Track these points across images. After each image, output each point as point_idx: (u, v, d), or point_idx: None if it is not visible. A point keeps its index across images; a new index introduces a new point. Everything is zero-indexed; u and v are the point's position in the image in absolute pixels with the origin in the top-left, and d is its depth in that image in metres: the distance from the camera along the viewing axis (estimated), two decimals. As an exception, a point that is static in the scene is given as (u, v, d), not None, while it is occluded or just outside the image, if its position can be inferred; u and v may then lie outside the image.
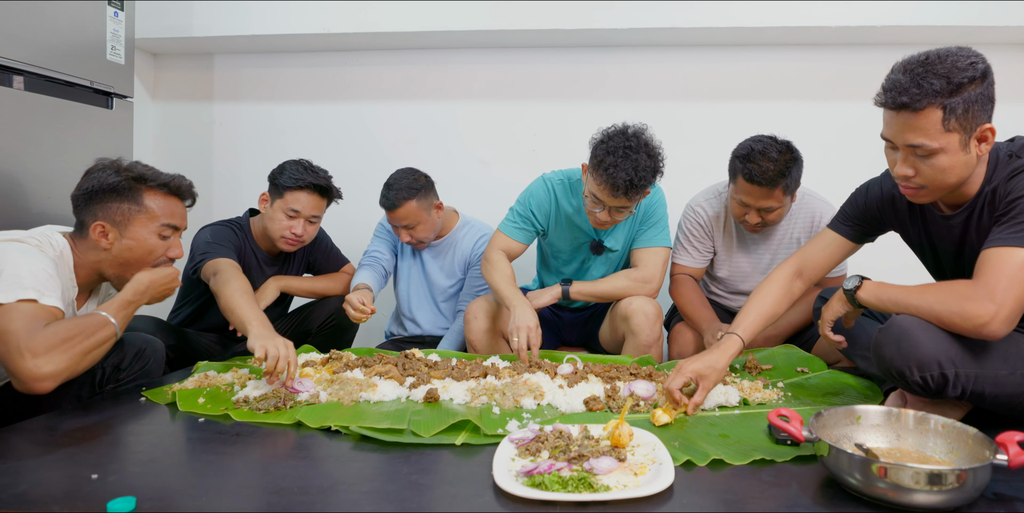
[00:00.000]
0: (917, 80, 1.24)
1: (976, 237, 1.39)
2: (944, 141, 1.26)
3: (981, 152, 1.30)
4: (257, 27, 2.86)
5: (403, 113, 3.06)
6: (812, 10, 2.58)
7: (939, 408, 1.38)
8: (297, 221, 2.11)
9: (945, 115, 1.24)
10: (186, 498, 1.05)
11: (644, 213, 2.15)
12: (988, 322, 1.24)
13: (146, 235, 1.56)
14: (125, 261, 1.55)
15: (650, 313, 2.02)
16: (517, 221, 2.19)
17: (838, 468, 1.06)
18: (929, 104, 1.24)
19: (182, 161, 3.17)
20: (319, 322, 2.27)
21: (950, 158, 1.28)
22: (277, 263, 2.30)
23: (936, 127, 1.25)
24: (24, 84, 2.00)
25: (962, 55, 1.25)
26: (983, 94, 1.25)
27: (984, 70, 1.25)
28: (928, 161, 1.30)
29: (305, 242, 2.19)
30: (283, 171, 2.12)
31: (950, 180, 1.31)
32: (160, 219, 1.57)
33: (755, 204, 1.98)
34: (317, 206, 2.14)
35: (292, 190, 2.09)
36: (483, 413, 1.47)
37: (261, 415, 1.46)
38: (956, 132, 1.26)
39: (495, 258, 2.13)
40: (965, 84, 1.23)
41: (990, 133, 1.29)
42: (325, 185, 2.13)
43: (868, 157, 1.99)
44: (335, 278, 2.39)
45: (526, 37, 2.81)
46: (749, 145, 1.97)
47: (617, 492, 1.04)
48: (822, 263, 1.67)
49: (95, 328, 1.40)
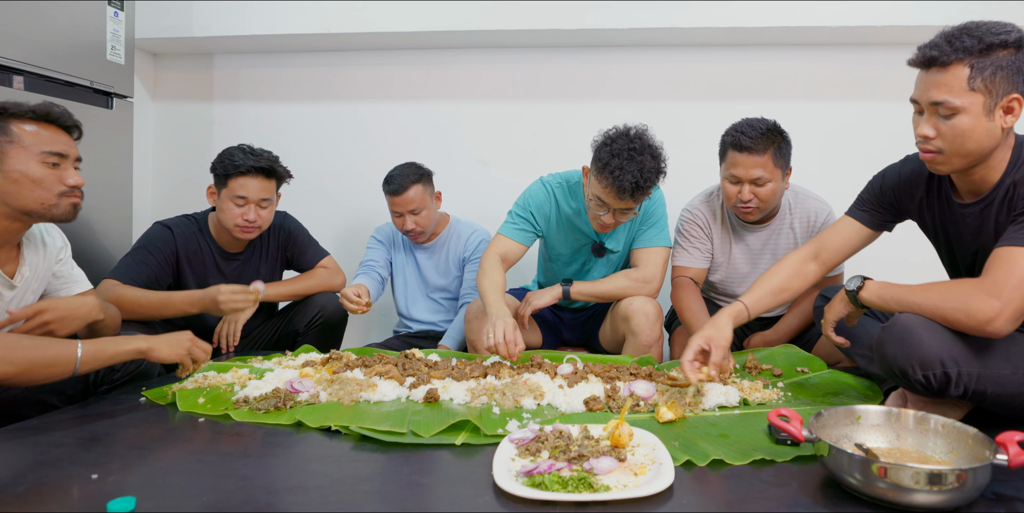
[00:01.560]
0: (949, 38, 1.28)
1: (993, 231, 1.38)
2: (968, 100, 1.26)
3: (1007, 124, 1.29)
4: (257, 27, 2.86)
5: (403, 113, 3.06)
6: (812, 10, 2.57)
7: (939, 408, 1.38)
8: (247, 207, 2.05)
9: (972, 73, 1.25)
10: (186, 498, 1.05)
11: (644, 213, 2.14)
12: (992, 319, 1.24)
13: (26, 166, 1.46)
14: (14, 193, 1.45)
15: (650, 313, 2.02)
16: (517, 223, 2.18)
17: (838, 468, 1.06)
18: (957, 60, 1.26)
19: (182, 161, 3.17)
20: (305, 322, 2.23)
21: (972, 120, 1.28)
22: (239, 259, 2.23)
23: (961, 84, 1.26)
24: (24, 84, 2.00)
25: (1000, 23, 1.27)
26: (1014, 62, 1.25)
27: (1019, 39, 1.25)
28: (949, 122, 1.29)
29: (262, 228, 2.12)
30: (223, 159, 2.07)
31: (969, 146, 1.30)
32: (36, 147, 1.47)
33: (747, 175, 1.95)
34: (265, 189, 2.08)
35: (235, 177, 2.04)
36: (483, 413, 1.47)
37: (261, 415, 1.46)
38: (981, 93, 1.26)
39: (488, 265, 2.09)
40: (996, 46, 1.24)
41: (1017, 104, 1.27)
42: (268, 166, 2.07)
43: (868, 157, 1.99)
44: (313, 276, 2.31)
45: (526, 37, 2.81)
46: (734, 124, 2.03)
47: (617, 492, 1.04)
48: (838, 248, 1.66)
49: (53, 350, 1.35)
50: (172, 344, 1.54)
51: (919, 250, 1.81)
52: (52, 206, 1.49)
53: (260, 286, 1.94)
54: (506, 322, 1.82)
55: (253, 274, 2.26)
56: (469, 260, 2.49)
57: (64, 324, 1.51)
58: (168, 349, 1.52)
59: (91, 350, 1.38)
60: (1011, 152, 1.35)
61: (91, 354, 1.38)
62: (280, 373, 1.73)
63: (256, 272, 2.27)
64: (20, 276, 1.55)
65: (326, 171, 3.07)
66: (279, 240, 2.31)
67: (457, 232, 2.55)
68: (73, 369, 1.35)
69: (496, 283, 2.03)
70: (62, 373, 1.35)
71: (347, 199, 2.41)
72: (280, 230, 2.31)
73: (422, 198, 2.35)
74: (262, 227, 2.12)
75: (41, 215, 1.50)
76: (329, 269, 2.36)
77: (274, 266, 2.33)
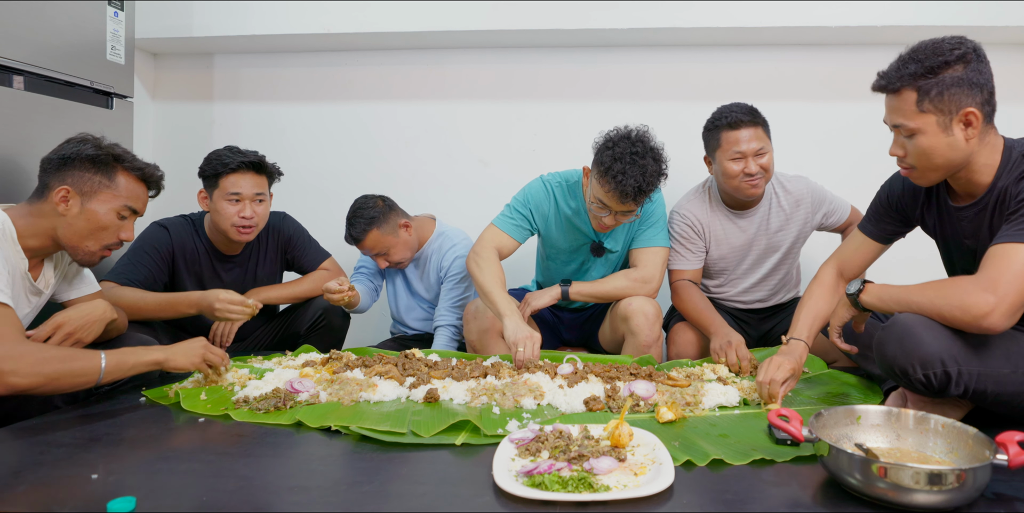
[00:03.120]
0: (898, 64, 1.35)
1: (988, 234, 1.40)
2: (920, 121, 1.34)
3: (968, 135, 1.33)
4: (257, 27, 2.85)
5: (403, 113, 3.05)
6: (812, 10, 2.58)
7: (939, 408, 1.38)
8: (243, 204, 2.04)
9: (919, 96, 1.32)
10: (186, 498, 1.05)
11: (643, 214, 2.15)
12: (988, 314, 1.24)
13: (105, 210, 1.56)
14: (77, 230, 1.54)
15: (649, 313, 2.02)
16: (514, 217, 2.17)
17: (838, 468, 1.06)
18: (903, 86, 1.33)
19: (182, 161, 3.15)
20: (307, 324, 2.24)
21: (930, 139, 1.34)
22: (236, 261, 2.21)
23: (911, 108, 1.33)
24: (24, 84, 2.00)
25: (947, 41, 1.32)
26: (963, 78, 1.29)
27: (962, 55, 1.30)
28: (912, 141, 1.37)
29: (259, 226, 2.11)
30: (210, 161, 2.07)
31: (936, 160, 1.36)
32: (124, 199, 1.59)
33: (748, 149, 2.00)
34: (257, 184, 2.07)
35: (225, 175, 2.04)
36: (483, 413, 1.47)
37: (261, 415, 1.46)
38: (931, 113, 1.32)
39: (485, 255, 2.06)
40: (939, 67, 1.30)
41: (973, 117, 1.31)
42: (257, 161, 2.08)
43: (868, 156, 2.00)
44: (315, 278, 2.29)
45: (526, 37, 2.81)
46: (716, 112, 2.10)
47: (617, 492, 1.04)
48: (858, 263, 1.73)
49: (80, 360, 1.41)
50: (187, 353, 1.58)
51: (922, 248, 1.82)
52: (90, 253, 1.58)
53: (257, 302, 1.94)
54: (533, 338, 1.82)
55: (251, 276, 2.25)
56: (445, 278, 2.42)
57: (86, 331, 1.59)
58: (184, 358, 1.57)
59: (113, 361, 1.43)
60: (1000, 156, 1.38)
61: (114, 365, 1.43)
62: (280, 373, 1.73)
63: (254, 274, 2.25)
64: (44, 280, 1.61)
65: (326, 171, 3.07)
66: (278, 242, 2.29)
67: (439, 246, 2.47)
68: (97, 379, 1.40)
69: (496, 277, 2.02)
70: (86, 383, 1.40)
71: (346, 199, 2.40)
72: (279, 232, 2.29)
73: (383, 240, 2.30)
74: (259, 225, 2.10)
75: (72, 252, 1.58)
76: (330, 271, 2.34)
77: (273, 268, 2.31)
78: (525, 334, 1.82)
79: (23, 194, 1.96)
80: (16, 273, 1.50)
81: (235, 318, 1.89)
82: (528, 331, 1.84)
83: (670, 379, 1.67)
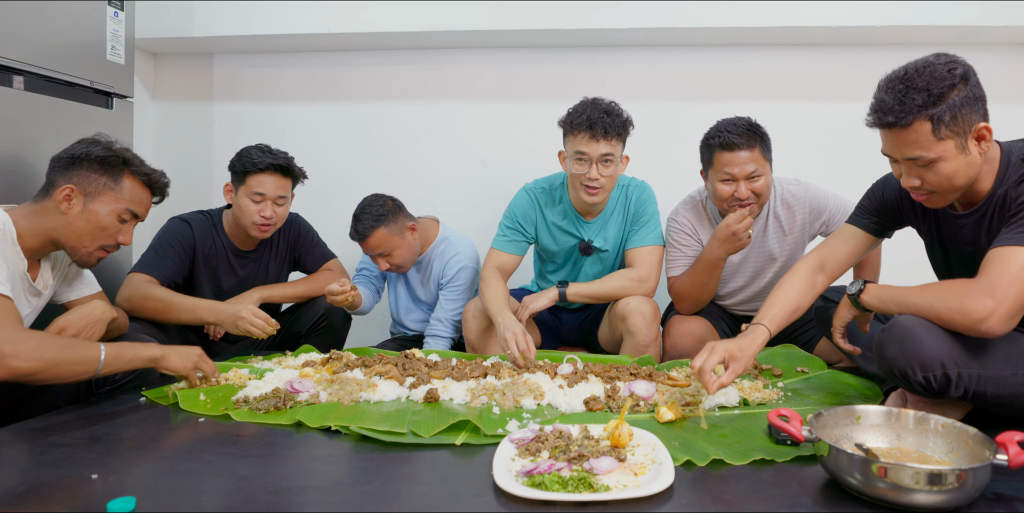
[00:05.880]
0: (899, 97, 1.28)
1: (987, 241, 1.39)
2: (940, 149, 1.29)
3: (983, 149, 1.31)
4: (257, 27, 2.86)
5: (403, 113, 3.05)
6: (812, 10, 2.58)
7: (939, 408, 1.38)
8: (264, 204, 2.08)
9: (934, 126, 1.27)
10: (186, 498, 1.05)
11: (635, 212, 2.17)
12: (986, 317, 1.24)
13: (107, 212, 1.58)
14: (76, 231, 1.55)
15: (647, 313, 2.02)
16: (507, 234, 2.23)
17: (838, 468, 1.06)
18: (915, 119, 1.27)
19: (182, 161, 3.17)
20: (309, 324, 2.24)
21: (951, 164, 1.30)
22: (251, 257, 2.24)
23: (928, 138, 1.28)
24: (24, 84, 1.99)
25: (939, 64, 1.28)
26: (968, 96, 1.27)
27: (963, 74, 1.27)
28: (931, 169, 1.32)
29: (277, 225, 2.15)
30: (241, 157, 2.10)
31: (958, 182, 1.33)
32: (127, 203, 1.61)
33: (740, 172, 1.94)
34: (281, 186, 2.11)
35: (253, 174, 2.07)
36: (483, 413, 1.47)
37: (261, 415, 1.46)
38: (949, 138, 1.28)
39: (488, 277, 2.16)
40: (946, 92, 1.26)
41: (986, 131, 1.30)
42: (285, 164, 2.11)
43: (868, 157, 1.99)
44: (318, 278, 2.31)
45: (526, 37, 2.81)
46: (713, 127, 2.04)
47: (617, 492, 1.04)
48: (843, 256, 1.65)
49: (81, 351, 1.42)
50: (182, 356, 1.60)
51: (913, 250, 1.81)
52: (87, 253, 1.59)
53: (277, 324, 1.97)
54: (515, 332, 1.85)
55: (263, 272, 2.28)
56: (445, 286, 2.41)
57: (89, 332, 1.62)
58: (178, 360, 1.58)
59: (112, 353, 1.44)
60: (998, 162, 1.37)
61: (112, 356, 1.44)
62: (280, 373, 1.73)
63: (266, 270, 2.28)
64: (43, 281, 1.62)
65: (326, 171, 3.06)
66: (288, 240, 2.32)
67: (441, 252, 2.46)
68: (96, 369, 1.41)
69: (499, 295, 2.07)
70: (85, 372, 1.40)
71: (346, 199, 2.40)
72: (290, 230, 2.32)
73: (388, 240, 2.28)
74: (277, 224, 2.15)
75: (70, 252, 1.59)
76: (334, 271, 2.37)
77: (282, 265, 2.34)
78: (512, 329, 1.86)
79: (23, 194, 1.96)
80: (15, 273, 1.50)
81: (255, 334, 1.92)
82: (519, 327, 1.87)
83: (670, 379, 1.67)
